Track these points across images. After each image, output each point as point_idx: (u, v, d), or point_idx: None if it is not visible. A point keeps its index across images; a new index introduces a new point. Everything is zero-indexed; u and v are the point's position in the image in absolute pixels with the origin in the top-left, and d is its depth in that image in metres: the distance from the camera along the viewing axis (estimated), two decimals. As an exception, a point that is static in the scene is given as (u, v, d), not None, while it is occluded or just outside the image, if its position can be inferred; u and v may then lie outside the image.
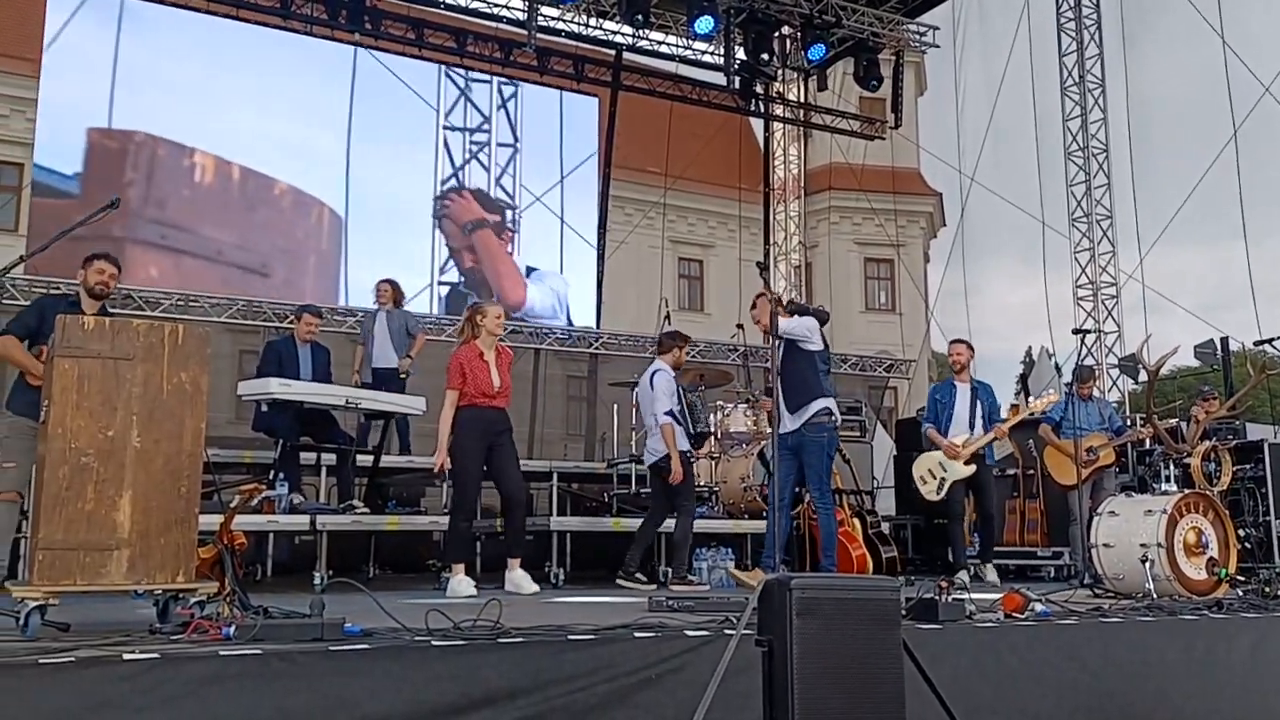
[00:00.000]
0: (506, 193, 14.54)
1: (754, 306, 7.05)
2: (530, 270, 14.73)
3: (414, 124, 13.87)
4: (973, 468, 8.05)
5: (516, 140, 14.68)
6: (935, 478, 8.16)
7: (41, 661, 3.01)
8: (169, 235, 11.70)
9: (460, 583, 6.43)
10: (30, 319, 5.50)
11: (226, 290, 11.97)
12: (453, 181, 14.14)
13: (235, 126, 12.74)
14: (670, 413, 7.33)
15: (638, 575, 7.26)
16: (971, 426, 8.16)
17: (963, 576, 7.73)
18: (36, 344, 5.28)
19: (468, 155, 14.33)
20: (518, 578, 6.62)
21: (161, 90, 12.06)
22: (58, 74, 11.65)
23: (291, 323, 8.68)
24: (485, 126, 14.42)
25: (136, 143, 11.88)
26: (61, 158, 11.53)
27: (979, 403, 8.24)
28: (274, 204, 12.73)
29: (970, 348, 8.55)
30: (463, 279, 14.33)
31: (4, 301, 10.17)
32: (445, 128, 14.15)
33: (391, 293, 9.64)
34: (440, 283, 14.15)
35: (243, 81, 12.63)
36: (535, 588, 6.65)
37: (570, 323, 14.81)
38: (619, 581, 7.23)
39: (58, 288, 8.85)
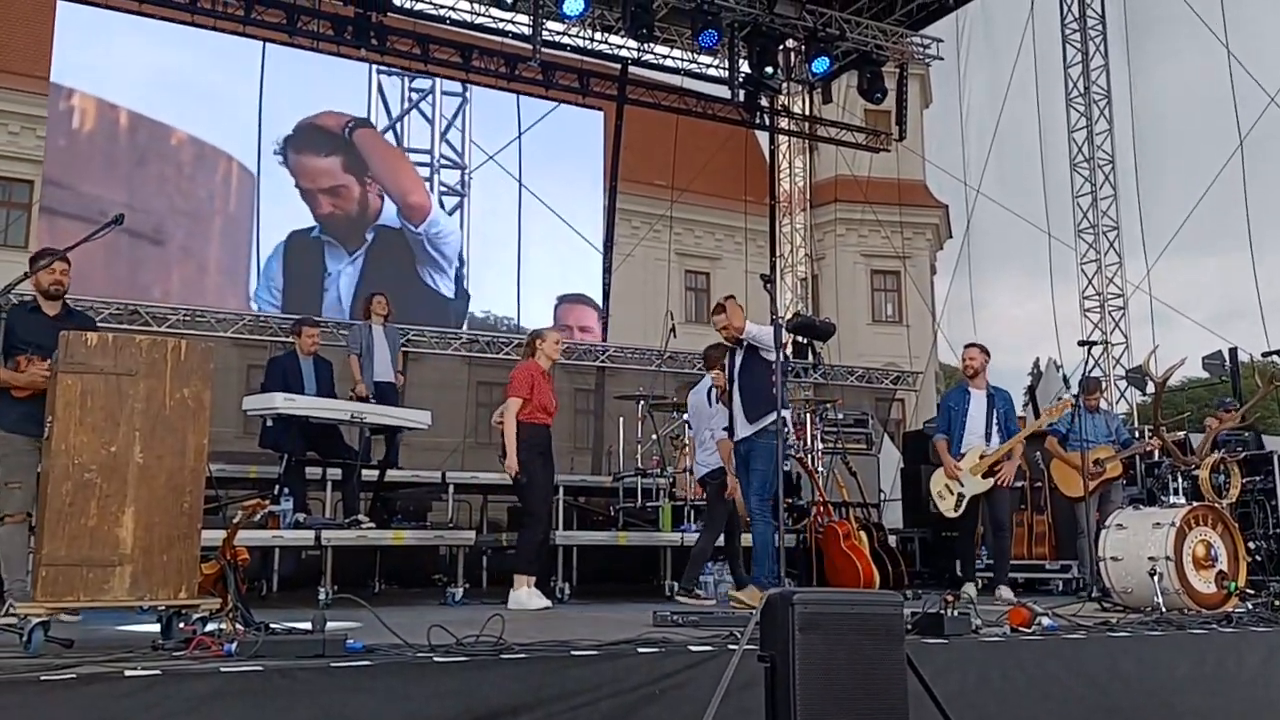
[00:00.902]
0: (455, 149, 12.82)
1: (720, 310, 6.93)
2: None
3: (340, 64, 12.04)
4: (990, 482, 7.77)
5: (466, 89, 12.87)
6: (953, 493, 7.90)
7: (43, 678, 3.01)
8: (41, 192, 9.56)
9: (533, 595, 6.57)
10: None
11: (109, 259, 10.20)
12: (389, 136, 12.34)
13: (122, 63, 10.59)
14: (728, 429, 7.33)
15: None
16: (988, 436, 7.88)
17: (969, 590, 7.61)
18: (12, 357, 5.11)
19: (406, 104, 12.52)
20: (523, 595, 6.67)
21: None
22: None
23: (293, 338, 8.61)
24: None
25: (-4, 82, 9.50)
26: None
27: (995, 410, 7.96)
28: (170, 157, 10.79)
29: (984, 351, 8.22)
30: (316, 226, 12.03)
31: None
32: (379, 71, 12.31)
33: (387, 306, 9.70)
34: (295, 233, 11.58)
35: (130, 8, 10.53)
36: (545, 603, 6.64)
37: (464, 284, 13.19)
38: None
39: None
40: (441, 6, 13.46)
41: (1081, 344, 10.13)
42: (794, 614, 3.20)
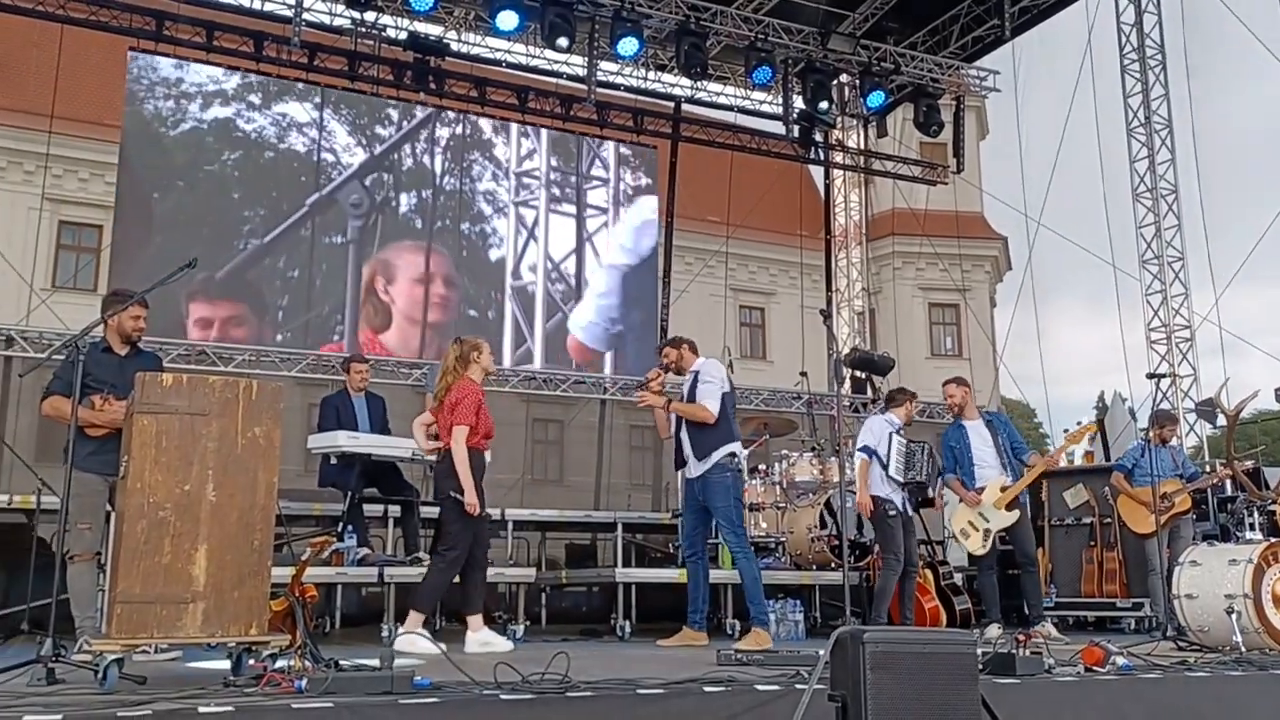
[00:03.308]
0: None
1: (644, 385, 7.04)
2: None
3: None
4: (1015, 514, 7.64)
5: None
6: (977, 529, 7.74)
7: (120, 715, 3.07)
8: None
9: (492, 633, 6.07)
10: (70, 374, 5.39)
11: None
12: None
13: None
14: (866, 448, 7.30)
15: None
16: (1004, 465, 7.76)
17: (992, 631, 7.44)
18: (87, 397, 5.10)
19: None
20: (486, 636, 6.01)
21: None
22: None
23: (343, 375, 8.58)
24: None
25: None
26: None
27: (998, 437, 7.85)
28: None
29: (961, 384, 8.03)
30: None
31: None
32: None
33: None
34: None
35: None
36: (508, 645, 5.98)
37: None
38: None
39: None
40: (498, 50, 13.70)
41: (1150, 377, 9.90)
42: (865, 653, 3.16)
